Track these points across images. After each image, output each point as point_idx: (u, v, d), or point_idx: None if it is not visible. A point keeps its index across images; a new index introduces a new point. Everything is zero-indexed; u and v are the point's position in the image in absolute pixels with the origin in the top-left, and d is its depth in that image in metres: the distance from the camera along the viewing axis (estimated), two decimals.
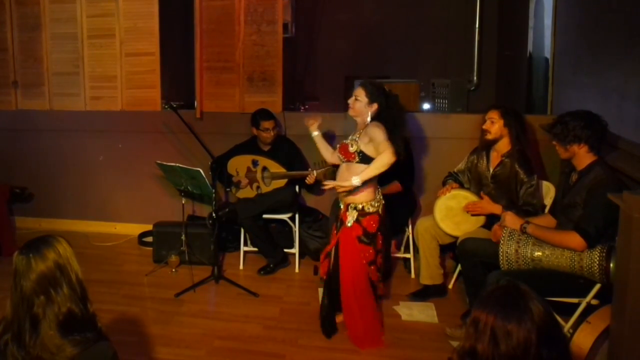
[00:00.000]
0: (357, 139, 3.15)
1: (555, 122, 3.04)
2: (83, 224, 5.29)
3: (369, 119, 3.18)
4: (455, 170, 3.84)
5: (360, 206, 3.18)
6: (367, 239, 3.18)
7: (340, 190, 3.14)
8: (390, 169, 3.12)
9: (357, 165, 3.13)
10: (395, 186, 3.98)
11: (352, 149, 3.13)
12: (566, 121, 2.96)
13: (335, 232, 3.35)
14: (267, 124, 4.34)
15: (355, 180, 3.05)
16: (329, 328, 3.40)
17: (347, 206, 3.22)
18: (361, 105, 3.20)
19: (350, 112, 3.27)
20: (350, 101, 3.25)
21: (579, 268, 2.84)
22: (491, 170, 3.60)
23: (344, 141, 3.21)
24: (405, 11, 6.01)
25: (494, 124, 3.51)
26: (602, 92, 3.61)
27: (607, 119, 2.97)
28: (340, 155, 3.22)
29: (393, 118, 3.13)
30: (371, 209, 3.18)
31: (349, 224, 3.18)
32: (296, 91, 5.70)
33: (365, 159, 3.11)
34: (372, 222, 3.18)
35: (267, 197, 4.31)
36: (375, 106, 3.17)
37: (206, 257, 4.35)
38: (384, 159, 3.02)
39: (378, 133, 3.05)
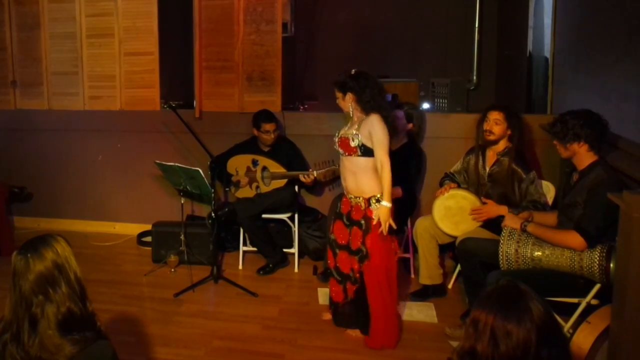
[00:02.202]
0: (357, 133, 3.16)
1: (555, 120, 3.05)
2: (82, 223, 5.29)
3: (351, 109, 3.25)
4: (452, 170, 3.83)
5: (379, 195, 3.16)
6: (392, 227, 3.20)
7: (386, 225, 3.14)
8: (397, 174, 3.22)
9: (359, 158, 3.16)
10: (396, 192, 3.98)
11: (353, 144, 3.15)
12: (566, 119, 2.96)
13: (342, 226, 3.32)
14: (268, 127, 4.33)
15: (387, 204, 3.12)
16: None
17: (367, 201, 3.18)
18: (340, 101, 3.30)
19: (343, 110, 3.36)
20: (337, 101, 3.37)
21: (579, 268, 2.83)
22: (487, 169, 3.60)
23: (343, 135, 3.23)
24: (404, 10, 6.01)
25: (498, 126, 3.50)
26: (602, 92, 3.60)
27: (607, 119, 2.96)
28: (341, 150, 3.24)
29: (371, 98, 3.17)
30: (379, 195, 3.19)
31: (375, 220, 3.14)
32: (295, 91, 5.68)
33: (367, 152, 3.15)
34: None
35: (267, 197, 4.30)
36: (350, 95, 3.22)
37: (205, 257, 4.34)
38: (388, 172, 3.11)
39: (379, 132, 3.11)
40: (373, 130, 3.11)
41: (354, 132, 3.16)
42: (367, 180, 3.17)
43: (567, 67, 4.39)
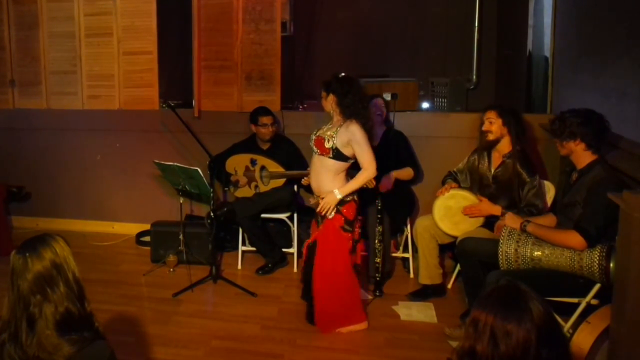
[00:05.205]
0: (334, 135, 3.24)
1: (555, 117, 3.05)
2: (80, 223, 5.28)
3: (331, 109, 3.34)
4: (455, 169, 3.83)
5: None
6: (349, 226, 3.32)
7: (327, 209, 3.26)
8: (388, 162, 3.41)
9: (329, 160, 3.26)
10: (407, 172, 4.02)
11: (327, 145, 3.24)
12: (565, 117, 2.97)
13: (316, 226, 3.46)
14: (265, 119, 4.34)
15: (338, 195, 3.25)
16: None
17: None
18: (323, 100, 3.40)
19: (325, 109, 3.44)
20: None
21: (578, 268, 2.83)
22: (492, 170, 3.59)
23: (321, 134, 3.31)
24: (404, 9, 5.99)
25: (493, 124, 3.51)
26: (602, 91, 3.60)
27: (607, 118, 2.95)
28: (315, 148, 3.32)
29: (352, 103, 3.24)
30: (348, 197, 3.30)
31: (331, 216, 3.29)
32: (295, 90, 5.67)
33: (339, 157, 3.25)
34: (350, 210, 3.31)
35: (266, 197, 4.30)
36: (332, 97, 3.32)
37: (204, 257, 4.34)
38: (367, 175, 3.24)
39: (360, 141, 3.19)
40: (354, 139, 3.19)
41: (330, 135, 3.25)
42: (327, 181, 3.30)
43: (567, 66, 4.39)
